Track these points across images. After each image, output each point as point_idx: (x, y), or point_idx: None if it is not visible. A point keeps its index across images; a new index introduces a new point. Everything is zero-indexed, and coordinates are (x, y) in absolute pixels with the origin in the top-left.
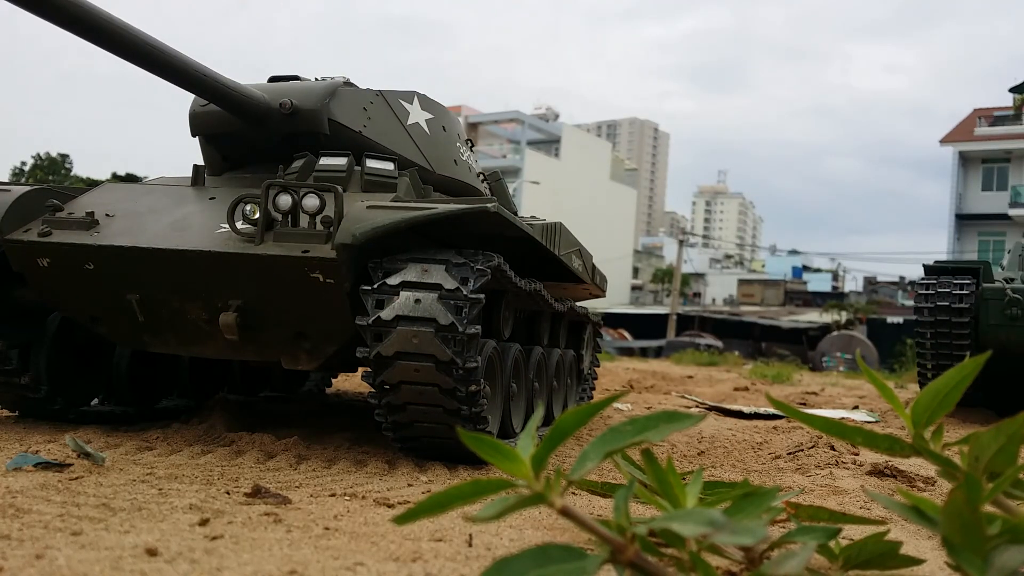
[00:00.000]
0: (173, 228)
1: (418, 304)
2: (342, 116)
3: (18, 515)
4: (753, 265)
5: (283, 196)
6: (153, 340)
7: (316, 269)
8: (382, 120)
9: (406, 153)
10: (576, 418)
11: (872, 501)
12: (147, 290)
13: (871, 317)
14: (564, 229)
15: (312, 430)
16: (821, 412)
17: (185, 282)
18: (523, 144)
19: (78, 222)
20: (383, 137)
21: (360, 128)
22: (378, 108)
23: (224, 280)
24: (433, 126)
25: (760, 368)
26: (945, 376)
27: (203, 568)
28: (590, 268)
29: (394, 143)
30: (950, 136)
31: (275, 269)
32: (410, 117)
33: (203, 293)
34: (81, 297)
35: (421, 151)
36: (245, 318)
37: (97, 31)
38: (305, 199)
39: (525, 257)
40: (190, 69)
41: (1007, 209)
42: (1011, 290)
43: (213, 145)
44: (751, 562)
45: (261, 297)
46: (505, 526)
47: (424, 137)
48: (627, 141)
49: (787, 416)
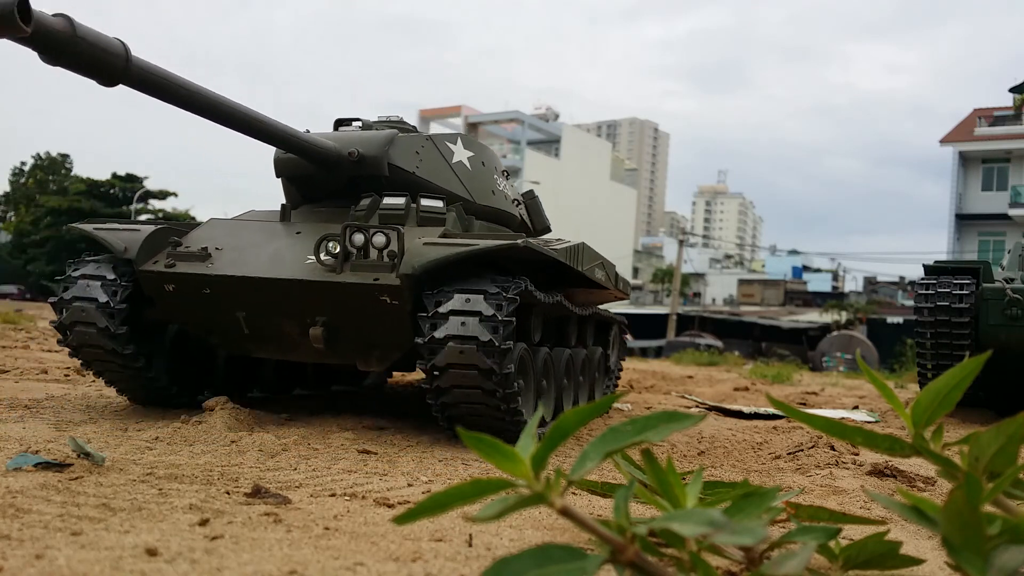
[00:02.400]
0: (271, 260)
1: (464, 326)
2: (399, 160)
3: (18, 515)
4: (753, 265)
5: (357, 235)
6: (256, 348)
7: (384, 293)
8: (431, 161)
9: (452, 188)
10: (576, 418)
11: (872, 501)
12: (252, 309)
13: (871, 317)
14: (586, 247)
15: (312, 430)
16: (821, 412)
17: (282, 303)
18: (523, 144)
19: (195, 255)
20: (433, 175)
21: (414, 169)
22: (428, 151)
23: (313, 302)
24: (474, 163)
25: (760, 368)
26: (945, 376)
27: (203, 568)
28: (612, 276)
29: (442, 180)
30: (950, 136)
31: (352, 293)
32: (455, 156)
33: (296, 312)
34: (198, 315)
35: (464, 185)
36: (329, 331)
37: (219, 114)
38: (375, 237)
39: (555, 272)
40: (279, 131)
41: (1007, 209)
42: (1011, 290)
43: (294, 185)
44: (751, 562)
45: (341, 315)
46: (505, 526)
47: (467, 173)
48: (627, 141)
49: (787, 416)
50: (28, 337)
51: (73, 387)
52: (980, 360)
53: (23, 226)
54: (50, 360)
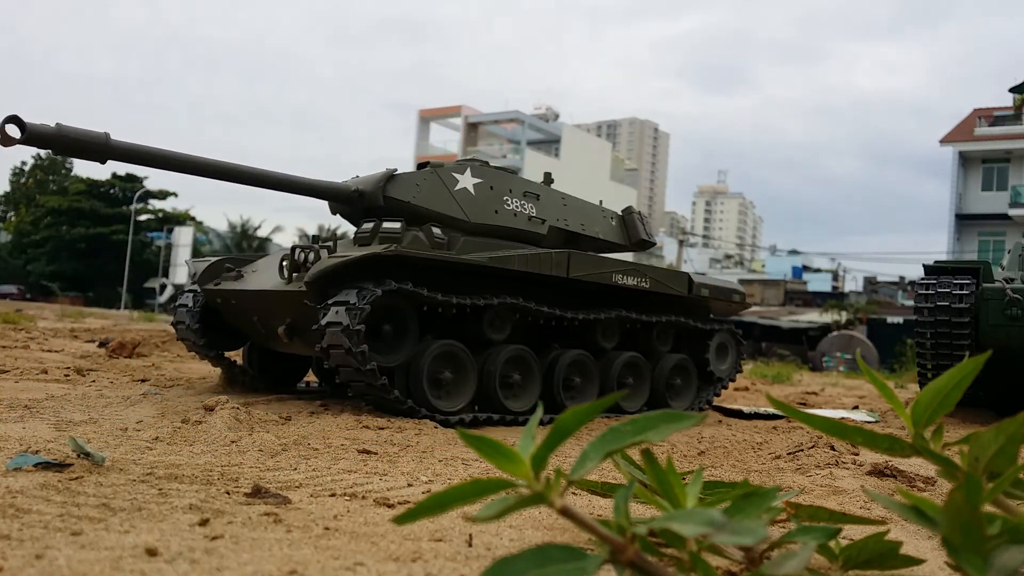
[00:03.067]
0: (266, 277)
1: (336, 314)
2: (395, 192)
3: (18, 515)
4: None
5: (300, 253)
6: (269, 343)
7: (305, 297)
8: (430, 190)
9: (450, 212)
10: (576, 418)
11: (872, 501)
12: (256, 314)
13: (871, 317)
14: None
15: (312, 430)
16: (821, 412)
17: (264, 309)
18: (523, 144)
19: (234, 276)
20: (429, 202)
21: (410, 199)
22: (430, 181)
23: (276, 306)
24: (480, 188)
25: (760, 368)
26: (945, 376)
27: (203, 568)
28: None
29: (439, 206)
30: (950, 136)
31: (291, 298)
32: (459, 184)
33: (274, 315)
34: (239, 319)
35: (461, 208)
36: (289, 329)
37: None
38: (310, 255)
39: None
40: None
41: (1007, 209)
42: (1011, 290)
43: (337, 213)
44: (751, 562)
45: (295, 315)
46: (505, 526)
47: (467, 198)
48: (627, 141)
49: (787, 416)
50: (28, 337)
51: (73, 387)
52: (980, 360)
53: (23, 226)
54: (50, 360)
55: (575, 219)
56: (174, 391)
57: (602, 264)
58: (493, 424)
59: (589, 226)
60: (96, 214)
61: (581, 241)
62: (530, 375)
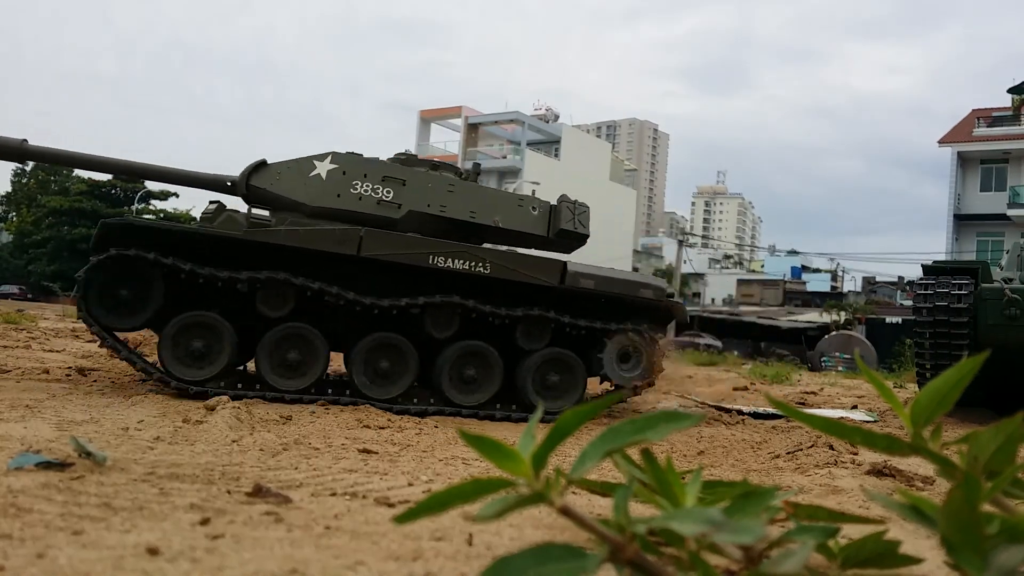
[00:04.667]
0: None
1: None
2: (256, 181)
3: (19, 514)
4: (752, 265)
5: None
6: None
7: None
8: (289, 178)
9: (295, 196)
10: (576, 418)
11: (871, 500)
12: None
13: (870, 317)
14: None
15: (313, 429)
16: (820, 412)
17: None
18: (523, 145)
19: None
20: (285, 189)
21: (268, 187)
22: (292, 170)
23: None
24: (332, 174)
25: (759, 368)
26: (944, 376)
27: (204, 567)
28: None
29: (290, 192)
30: (949, 137)
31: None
32: (315, 171)
33: None
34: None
35: (307, 193)
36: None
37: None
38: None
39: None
40: (187, 176)
41: (1005, 209)
42: (1009, 290)
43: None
44: (750, 561)
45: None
46: (505, 525)
47: (317, 183)
48: (626, 142)
49: (786, 416)
50: (30, 337)
51: (74, 387)
52: (979, 360)
53: (25, 226)
54: (52, 360)
55: (471, 208)
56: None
57: (414, 245)
58: (267, 402)
59: (485, 215)
60: (98, 214)
61: (479, 230)
62: (314, 355)
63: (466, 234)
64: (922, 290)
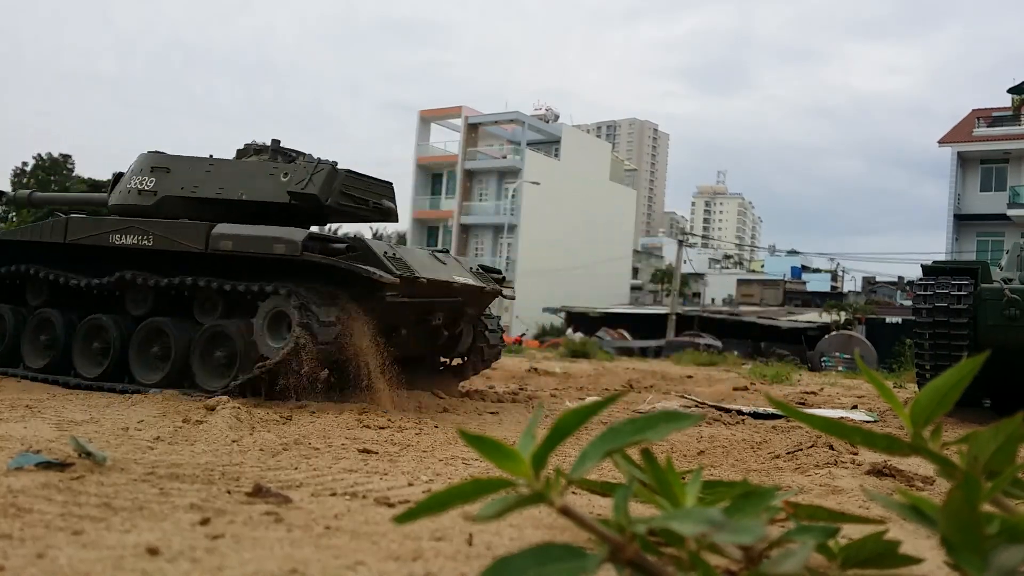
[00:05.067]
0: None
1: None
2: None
3: (19, 514)
4: (752, 265)
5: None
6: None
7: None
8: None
9: (112, 201)
10: (576, 418)
11: (871, 500)
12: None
13: (870, 317)
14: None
15: (313, 429)
16: (820, 412)
17: None
18: (523, 145)
19: None
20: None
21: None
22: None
23: None
24: (127, 174)
25: (759, 368)
26: (944, 376)
27: (204, 567)
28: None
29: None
30: (948, 137)
31: None
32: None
33: None
34: None
35: (115, 194)
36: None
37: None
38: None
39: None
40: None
41: (1005, 209)
42: (1009, 290)
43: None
44: (750, 561)
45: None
46: (505, 525)
47: (122, 183)
48: (626, 142)
49: (786, 416)
50: None
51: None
52: (978, 360)
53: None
54: None
55: (219, 186)
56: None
57: (104, 226)
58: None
59: (231, 190)
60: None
61: (229, 205)
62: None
63: (219, 212)
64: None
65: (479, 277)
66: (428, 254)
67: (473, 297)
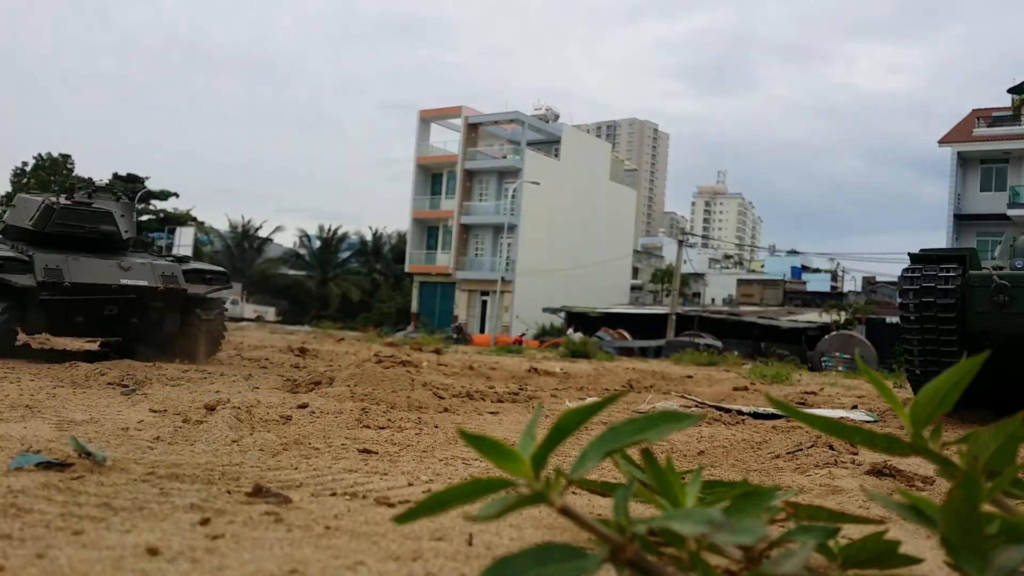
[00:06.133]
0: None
1: None
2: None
3: (19, 514)
4: (752, 265)
5: None
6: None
7: None
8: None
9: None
10: (576, 418)
11: (871, 500)
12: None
13: (870, 317)
14: None
15: (313, 429)
16: (820, 412)
17: None
18: (523, 145)
19: None
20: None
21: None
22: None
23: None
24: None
25: (759, 368)
26: (944, 375)
27: (204, 567)
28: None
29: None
30: (949, 137)
31: None
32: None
33: None
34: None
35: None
36: None
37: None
38: None
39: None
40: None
41: (1005, 209)
42: (998, 276)
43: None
44: (750, 561)
45: None
46: (505, 525)
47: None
48: (627, 141)
49: (786, 416)
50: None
51: (74, 387)
52: (978, 360)
53: None
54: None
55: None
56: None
57: None
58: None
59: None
60: None
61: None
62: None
63: (23, 235)
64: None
65: (165, 279)
66: (112, 264)
67: (151, 294)
